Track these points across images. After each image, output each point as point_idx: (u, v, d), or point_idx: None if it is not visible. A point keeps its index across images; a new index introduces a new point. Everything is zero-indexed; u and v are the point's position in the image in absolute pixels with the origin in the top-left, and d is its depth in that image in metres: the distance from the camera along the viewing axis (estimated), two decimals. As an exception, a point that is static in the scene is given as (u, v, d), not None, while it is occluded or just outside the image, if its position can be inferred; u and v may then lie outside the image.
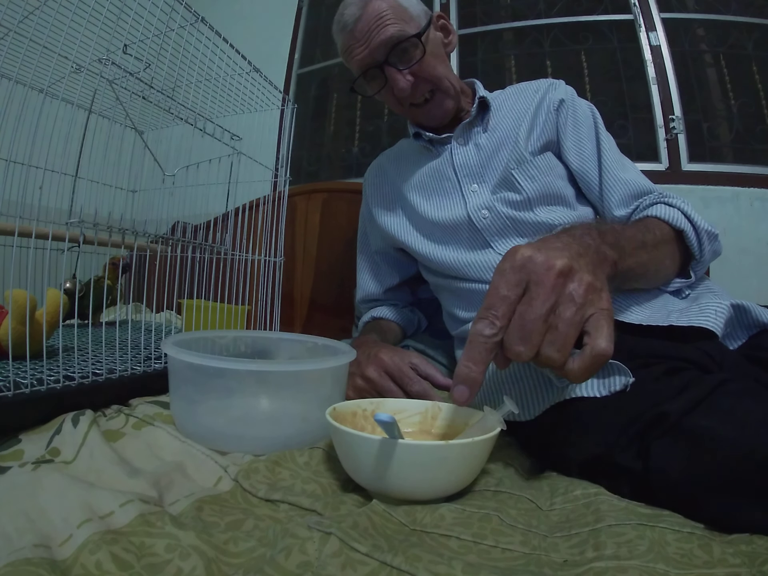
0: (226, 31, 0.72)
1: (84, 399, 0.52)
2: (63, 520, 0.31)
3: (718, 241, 0.65)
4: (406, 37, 0.72)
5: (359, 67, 0.76)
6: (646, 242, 0.56)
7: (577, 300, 0.36)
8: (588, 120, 0.77)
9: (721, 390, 0.41)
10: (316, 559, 0.28)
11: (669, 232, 0.62)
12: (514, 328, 0.36)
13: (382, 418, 0.36)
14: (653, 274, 0.59)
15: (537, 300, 0.36)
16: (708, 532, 0.34)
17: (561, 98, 0.77)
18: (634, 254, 0.52)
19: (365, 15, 0.73)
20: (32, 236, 0.50)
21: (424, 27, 0.74)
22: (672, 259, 0.62)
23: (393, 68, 0.73)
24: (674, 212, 0.64)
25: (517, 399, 0.57)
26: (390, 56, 0.73)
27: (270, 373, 0.49)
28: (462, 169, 0.78)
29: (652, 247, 0.57)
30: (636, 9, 1.61)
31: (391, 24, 0.72)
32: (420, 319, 0.97)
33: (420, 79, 0.75)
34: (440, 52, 0.78)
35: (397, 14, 0.73)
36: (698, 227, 0.63)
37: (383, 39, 0.72)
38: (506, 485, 0.43)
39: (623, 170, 0.73)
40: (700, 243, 0.63)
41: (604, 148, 0.74)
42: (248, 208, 0.89)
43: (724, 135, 1.54)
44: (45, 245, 0.55)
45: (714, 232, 0.64)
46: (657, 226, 0.62)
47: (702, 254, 0.63)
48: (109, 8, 0.54)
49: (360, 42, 0.74)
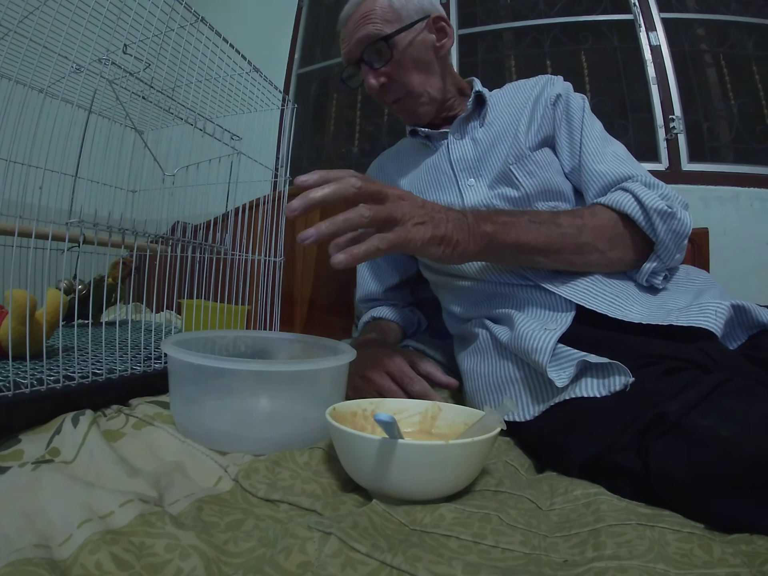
0: (226, 31, 0.72)
1: (84, 399, 0.52)
2: (63, 520, 0.31)
3: (677, 220, 0.60)
4: (379, 37, 0.73)
5: (345, 60, 0.80)
6: (543, 221, 0.59)
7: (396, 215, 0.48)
8: (578, 114, 0.75)
9: (720, 390, 0.41)
10: (316, 559, 0.28)
11: (610, 217, 0.62)
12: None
13: (382, 418, 0.36)
14: (571, 253, 0.60)
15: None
16: (708, 532, 0.34)
17: (558, 93, 0.76)
18: (521, 231, 0.56)
19: (355, 12, 0.76)
20: (32, 236, 0.50)
21: (405, 27, 0.74)
22: (609, 242, 0.61)
23: (366, 66, 0.76)
24: (622, 196, 0.62)
25: (516, 399, 0.57)
26: (364, 54, 0.75)
27: (270, 373, 0.49)
28: (458, 163, 0.78)
29: (559, 227, 0.58)
30: (636, 9, 1.61)
31: (372, 23, 0.74)
32: (420, 319, 0.97)
33: (392, 80, 0.77)
34: (423, 56, 0.77)
35: (382, 14, 0.74)
36: (647, 207, 0.60)
37: (359, 37, 0.75)
38: (506, 485, 0.43)
39: (600, 161, 0.70)
40: (652, 223, 0.60)
41: (584, 142, 0.73)
42: (248, 208, 0.89)
43: (724, 135, 1.54)
44: (45, 245, 0.55)
45: (667, 210, 0.60)
46: (591, 211, 0.62)
47: (656, 235, 0.60)
48: (109, 8, 0.54)
49: (346, 37, 0.77)
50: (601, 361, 0.49)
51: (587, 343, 0.53)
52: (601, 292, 0.60)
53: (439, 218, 0.51)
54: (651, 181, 0.65)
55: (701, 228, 1.38)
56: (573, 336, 0.55)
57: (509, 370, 0.59)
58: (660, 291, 0.62)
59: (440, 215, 0.52)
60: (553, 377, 0.51)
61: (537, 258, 0.60)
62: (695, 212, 1.59)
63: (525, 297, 0.65)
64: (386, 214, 0.47)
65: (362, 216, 0.46)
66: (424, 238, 0.49)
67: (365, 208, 0.46)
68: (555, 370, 0.52)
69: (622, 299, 0.59)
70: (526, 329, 0.57)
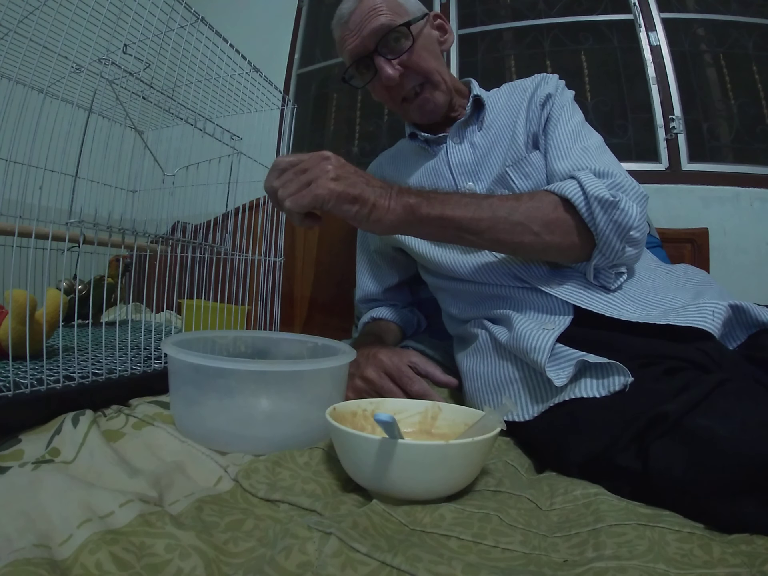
0: (226, 31, 0.72)
1: (84, 399, 0.52)
2: (63, 520, 0.31)
3: (619, 210, 0.57)
4: (396, 25, 0.72)
5: (351, 56, 0.77)
6: (477, 200, 0.59)
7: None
8: (558, 112, 0.73)
9: (720, 390, 0.41)
10: (316, 559, 0.28)
11: (550, 200, 0.60)
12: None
13: (382, 418, 0.36)
14: (501, 232, 0.58)
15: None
16: (708, 532, 0.34)
17: (548, 93, 0.75)
18: (448, 206, 0.57)
19: (360, 8, 0.74)
20: (32, 236, 0.50)
21: (416, 19, 0.74)
22: (546, 226, 0.58)
23: (382, 57, 0.74)
24: (568, 182, 0.60)
25: (516, 399, 0.57)
26: (380, 45, 0.73)
27: (270, 373, 0.49)
28: (457, 167, 0.78)
29: (491, 205, 0.58)
30: (636, 9, 1.61)
31: (384, 14, 0.73)
32: (419, 319, 0.97)
33: (410, 70, 0.75)
34: (433, 48, 0.78)
35: (390, 7, 0.74)
36: (588, 194, 0.57)
37: (374, 27, 0.73)
38: (506, 485, 0.43)
39: (565, 157, 0.68)
40: (591, 212, 0.57)
41: (553, 140, 0.71)
42: (248, 208, 0.89)
43: (724, 135, 1.54)
44: (45, 245, 0.55)
45: (608, 199, 0.57)
46: (530, 195, 0.61)
47: (596, 225, 0.57)
48: (109, 8, 0.54)
49: (353, 32, 0.75)
50: (600, 361, 0.49)
51: (586, 344, 0.53)
52: (597, 292, 0.60)
53: (356, 180, 0.53)
54: (606, 171, 0.62)
55: (701, 228, 1.38)
56: (572, 336, 0.55)
57: (508, 371, 0.59)
58: (659, 291, 0.62)
59: (360, 178, 0.54)
60: (551, 377, 0.51)
61: (465, 235, 0.58)
62: (695, 212, 1.60)
63: (522, 299, 0.65)
64: (303, 175, 0.52)
65: (271, 187, 0.53)
66: (334, 191, 0.51)
67: (274, 177, 0.53)
68: (554, 370, 0.52)
69: (618, 299, 0.59)
70: (524, 329, 0.57)
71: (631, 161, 1.53)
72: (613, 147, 0.73)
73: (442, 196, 0.58)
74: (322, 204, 0.51)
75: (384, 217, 0.54)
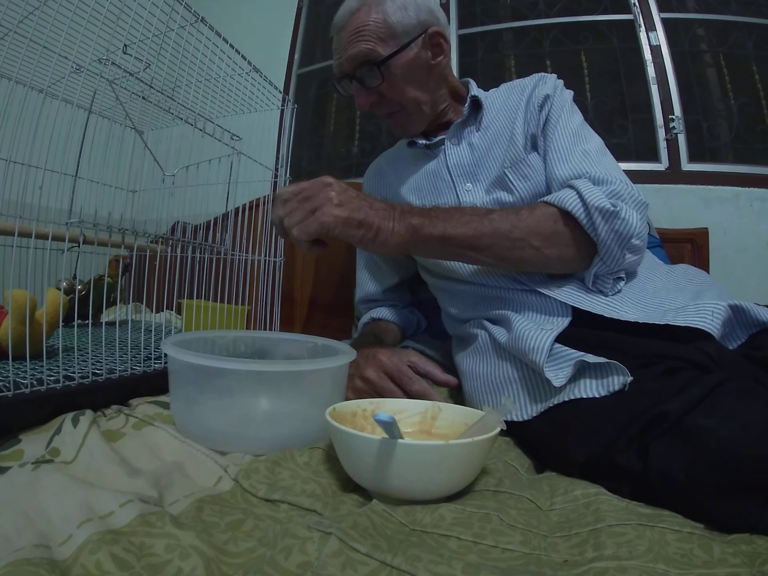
0: (226, 31, 0.72)
1: (84, 399, 0.52)
2: (63, 520, 0.31)
3: (620, 219, 0.57)
4: (369, 59, 0.72)
5: (337, 71, 0.78)
6: (477, 217, 0.59)
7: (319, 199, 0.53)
8: (557, 113, 0.72)
9: (720, 390, 0.41)
10: (316, 559, 0.28)
11: (550, 214, 0.60)
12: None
13: (382, 418, 0.36)
14: (503, 249, 0.59)
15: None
16: (708, 532, 0.34)
17: (546, 94, 0.74)
18: (450, 225, 0.57)
19: (348, 24, 0.73)
20: (32, 236, 0.50)
21: (403, 46, 0.72)
22: (546, 240, 0.59)
23: (357, 83, 0.74)
24: (567, 193, 0.60)
25: (515, 399, 0.57)
26: (357, 72, 0.74)
27: (270, 373, 0.49)
28: (456, 168, 0.78)
29: (491, 222, 0.58)
30: (636, 9, 1.61)
31: (364, 41, 0.72)
32: (419, 319, 0.97)
33: (386, 98, 0.76)
34: (417, 75, 0.75)
35: (376, 30, 0.72)
36: (588, 204, 0.57)
37: (352, 54, 0.73)
38: (506, 485, 0.43)
39: (565, 160, 0.67)
40: (593, 222, 0.57)
41: (553, 143, 0.70)
42: (248, 208, 0.89)
43: (724, 135, 1.54)
44: (45, 245, 0.55)
45: (609, 209, 0.57)
46: (530, 208, 0.61)
47: (597, 235, 0.57)
48: (109, 8, 0.54)
49: (338, 50, 0.75)
50: (598, 361, 0.49)
51: (586, 344, 0.53)
52: (596, 294, 0.60)
53: (360, 204, 0.54)
54: (605, 177, 0.62)
55: (701, 228, 1.38)
56: (571, 337, 0.55)
57: (508, 371, 0.59)
58: (658, 292, 0.62)
59: (363, 202, 0.55)
60: (550, 377, 0.51)
61: (467, 252, 0.59)
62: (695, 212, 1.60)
63: (521, 300, 0.65)
64: (307, 203, 0.53)
65: (278, 217, 0.55)
66: (339, 217, 0.52)
67: (279, 207, 0.55)
68: (552, 370, 0.52)
69: (617, 300, 0.59)
70: (523, 330, 0.57)
71: (631, 161, 1.53)
72: (613, 147, 0.73)
73: (444, 214, 0.58)
74: (328, 231, 0.52)
75: (389, 240, 0.55)
